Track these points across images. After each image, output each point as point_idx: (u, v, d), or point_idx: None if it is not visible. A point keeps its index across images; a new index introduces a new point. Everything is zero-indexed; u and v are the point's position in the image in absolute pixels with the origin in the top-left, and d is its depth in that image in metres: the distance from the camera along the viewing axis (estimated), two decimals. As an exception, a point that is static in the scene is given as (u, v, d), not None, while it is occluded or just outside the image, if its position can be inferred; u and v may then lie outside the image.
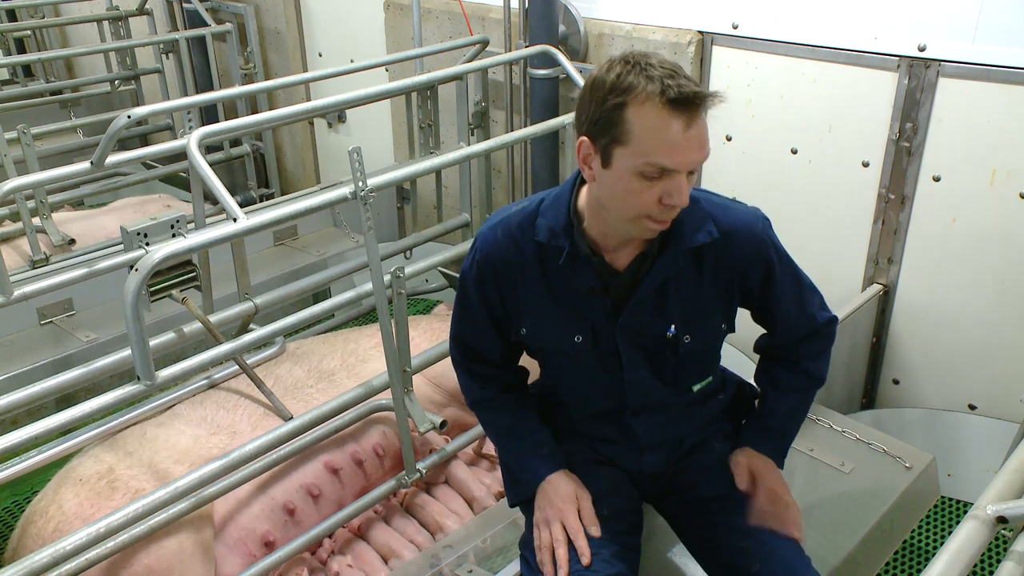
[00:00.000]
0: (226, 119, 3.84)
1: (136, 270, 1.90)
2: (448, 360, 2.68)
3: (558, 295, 1.67)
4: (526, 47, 3.28)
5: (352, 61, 3.77)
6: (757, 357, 1.91)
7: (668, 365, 1.72)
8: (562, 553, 1.63)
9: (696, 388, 1.78)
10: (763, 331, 1.85)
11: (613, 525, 1.70)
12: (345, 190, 2.15)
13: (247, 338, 2.48)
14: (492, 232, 1.70)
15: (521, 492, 1.81)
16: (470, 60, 3.47)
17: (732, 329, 1.75)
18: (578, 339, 1.69)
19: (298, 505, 2.36)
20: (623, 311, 1.65)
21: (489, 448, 2.76)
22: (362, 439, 2.54)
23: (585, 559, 1.60)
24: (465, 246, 3.07)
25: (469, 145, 3.29)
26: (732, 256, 1.64)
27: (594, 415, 1.82)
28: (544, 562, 1.64)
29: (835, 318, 1.82)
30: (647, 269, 1.62)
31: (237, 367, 2.58)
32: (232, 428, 2.41)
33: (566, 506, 1.68)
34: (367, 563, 2.39)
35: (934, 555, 1.44)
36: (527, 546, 1.73)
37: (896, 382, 3.06)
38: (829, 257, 3.04)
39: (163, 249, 1.94)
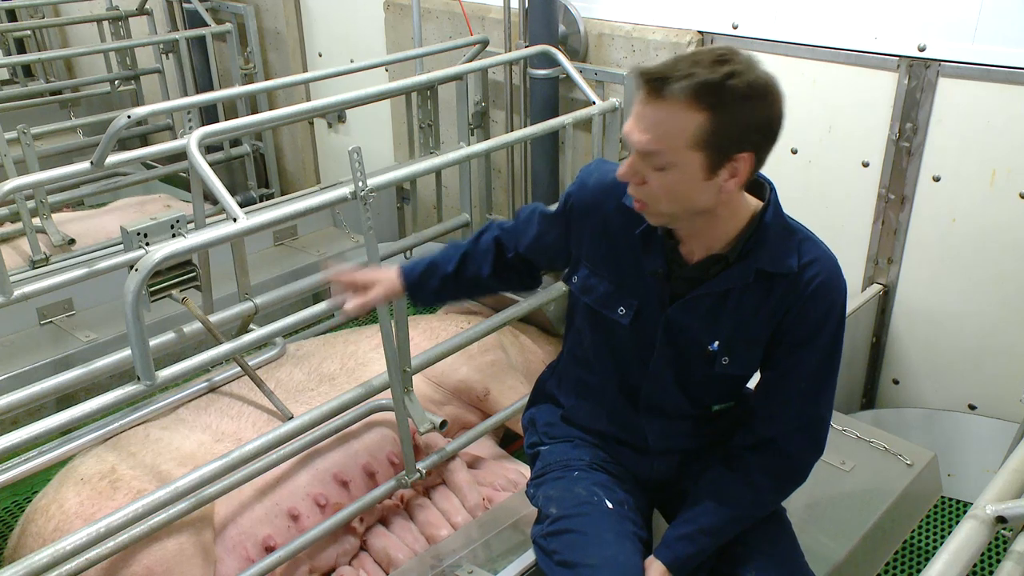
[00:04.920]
0: (226, 119, 3.84)
1: (136, 270, 1.90)
2: (448, 360, 2.71)
3: (621, 262, 1.67)
4: (526, 47, 3.28)
5: (352, 61, 3.78)
6: None
7: (695, 378, 1.69)
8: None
9: (716, 408, 1.76)
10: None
11: (632, 521, 1.71)
12: (345, 190, 2.15)
13: (247, 338, 2.48)
14: (590, 176, 1.72)
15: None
16: (470, 60, 3.47)
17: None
18: (622, 311, 1.68)
19: (303, 512, 2.36)
20: (676, 303, 1.63)
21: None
22: (375, 449, 2.53)
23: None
24: (465, 246, 3.07)
25: (469, 145, 3.29)
26: (801, 294, 1.57)
27: (607, 409, 1.81)
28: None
29: (820, 453, 1.68)
30: (717, 272, 1.59)
31: (238, 368, 2.58)
32: (237, 436, 2.41)
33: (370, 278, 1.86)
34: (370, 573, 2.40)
35: (934, 555, 1.44)
36: (542, 536, 1.73)
37: (896, 382, 3.06)
38: (829, 257, 3.04)
39: (163, 249, 1.94)
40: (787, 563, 1.70)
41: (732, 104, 1.35)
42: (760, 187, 1.60)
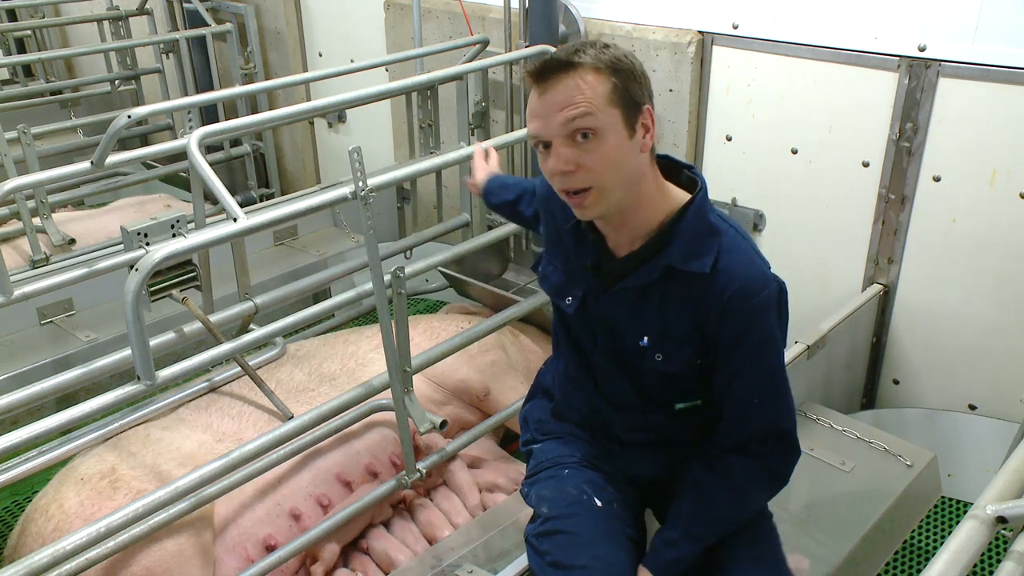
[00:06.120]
0: (226, 119, 3.84)
1: (136, 270, 1.90)
2: (448, 360, 2.71)
3: (567, 252, 1.74)
4: (526, 47, 3.28)
5: (352, 61, 3.77)
6: None
7: (638, 374, 1.69)
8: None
9: (679, 407, 1.73)
10: None
11: (621, 519, 1.71)
12: (345, 190, 2.15)
13: (247, 338, 2.48)
14: None
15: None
16: (470, 60, 3.47)
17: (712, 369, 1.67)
18: (569, 300, 1.74)
19: (304, 511, 2.35)
20: (603, 296, 1.67)
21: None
22: (377, 450, 2.53)
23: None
24: (465, 246, 3.07)
25: (469, 145, 3.29)
26: (717, 299, 1.55)
27: (585, 400, 1.83)
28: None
29: (794, 453, 1.67)
30: (633, 268, 1.61)
31: (238, 368, 2.58)
32: (238, 435, 2.41)
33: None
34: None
35: (934, 555, 1.44)
36: (534, 535, 1.73)
37: (896, 382, 3.06)
38: (829, 257, 3.04)
39: (163, 249, 1.94)
40: (771, 567, 1.70)
41: (622, 65, 1.49)
42: (693, 184, 1.61)
